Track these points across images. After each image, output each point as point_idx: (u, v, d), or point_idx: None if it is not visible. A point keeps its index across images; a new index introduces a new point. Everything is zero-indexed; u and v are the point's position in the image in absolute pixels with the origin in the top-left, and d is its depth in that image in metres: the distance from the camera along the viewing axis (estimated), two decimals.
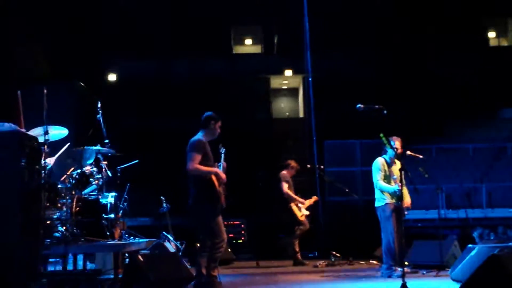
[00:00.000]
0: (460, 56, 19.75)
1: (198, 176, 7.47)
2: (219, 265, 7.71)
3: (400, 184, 8.46)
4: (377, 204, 9.32)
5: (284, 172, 12.49)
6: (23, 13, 15.81)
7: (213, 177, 7.54)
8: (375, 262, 11.35)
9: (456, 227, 14.17)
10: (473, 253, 7.80)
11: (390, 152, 9.14)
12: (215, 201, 7.54)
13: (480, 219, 15.05)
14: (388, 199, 9.18)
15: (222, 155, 8.00)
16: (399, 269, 8.56)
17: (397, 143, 9.17)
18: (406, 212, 9.24)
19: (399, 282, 6.80)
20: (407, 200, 9.24)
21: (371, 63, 19.54)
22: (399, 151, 9.12)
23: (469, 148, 18.66)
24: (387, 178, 9.21)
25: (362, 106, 7.86)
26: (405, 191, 9.32)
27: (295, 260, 12.01)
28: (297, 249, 12.08)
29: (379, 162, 9.34)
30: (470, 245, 8.36)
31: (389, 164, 9.28)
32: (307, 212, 12.29)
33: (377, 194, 9.31)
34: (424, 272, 9.25)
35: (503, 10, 22.34)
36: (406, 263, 8.76)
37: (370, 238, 12.35)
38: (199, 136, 7.70)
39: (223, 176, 7.72)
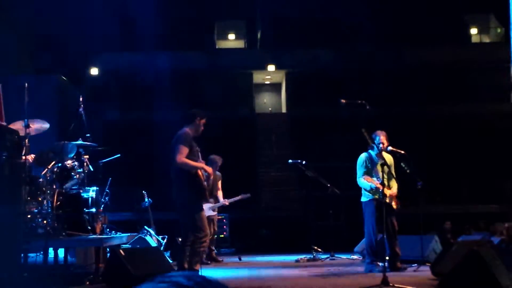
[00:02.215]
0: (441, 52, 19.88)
1: (185, 170, 7.42)
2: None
3: (380, 177, 8.46)
4: (362, 199, 9.31)
5: None
6: (4, 7, 15.68)
7: (199, 172, 7.52)
8: (356, 257, 11.40)
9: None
10: (453, 248, 7.86)
11: (374, 147, 9.08)
12: (200, 195, 7.53)
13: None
14: (371, 195, 9.15)
15: (199, 153, 7.96)
16: (381, 264, 8.59)
17: (381, 137, 9.11)
18: (395, 206, 9.17)
19: (380, 276, 6.84)
20: (391, 190, 9.16)
21: (353, 59, 19.60)
22: (385, 144, 9.08)
23: None
24: (370, 173, 9.17)
25: (344, 100, 7.85)
26: (393, 183, 9.25)
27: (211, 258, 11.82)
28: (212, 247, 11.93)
29: (362, 158, 9.31)
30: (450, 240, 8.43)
31: (374, 159, 9.22)
32: (213, 213, 11.83)
33: (363, 189, 9.30)
34: (405, 267, 9.29)
35: (485, 7, 22.52)
36: (387, 257, 8.79)
37: (352, 233, 12.42)
38: (185, 130, 7.63)
39: (210, 170, 7.72)
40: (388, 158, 9.18)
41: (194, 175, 7.46)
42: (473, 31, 24.58)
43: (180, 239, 7.73)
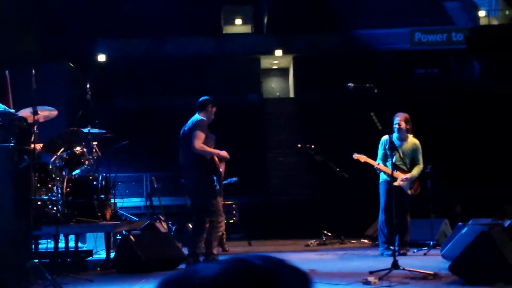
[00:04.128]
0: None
1: (201, 156, 7.46)
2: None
3: (397, 160, 8.41)
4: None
5: None
6: None
7: (215, 158, 7.56)
8: (366, 241, 11.39)
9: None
10: (463, 231, 7.83)
11: (395, 130, 8.95)
12: (216, 181, 7.58)
13: None
14: (384, 177, 9.05)
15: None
16: (391, 247, 8.56)
17: (398, 119, 8.95)
18: (409, 191, 9.04)
19: (390, 260, 6.83)
20: (407, 174, 9.02)
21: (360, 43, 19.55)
22: (401, 127, 8.93)
23: None
24: (388, 156, 9.00)
25: (352, 84, 7.79)
26: (416, 168, 9.09)
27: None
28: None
29: (382, 140, 9.14)
30: (460, 223, 8.38)
31: (395, 142, 8.92)
32: None
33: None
34: (415, 251, 9.27)
35: None
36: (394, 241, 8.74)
37: (361, 217, 12.41)
38: (201, 117, 7.65)
39: (226, 155, 7.76)
40: (412, 142, 9.08)
41: (210, 161, 7.50)
42: (481, 13, 24.39)
43: (190, 225, 7.75)
